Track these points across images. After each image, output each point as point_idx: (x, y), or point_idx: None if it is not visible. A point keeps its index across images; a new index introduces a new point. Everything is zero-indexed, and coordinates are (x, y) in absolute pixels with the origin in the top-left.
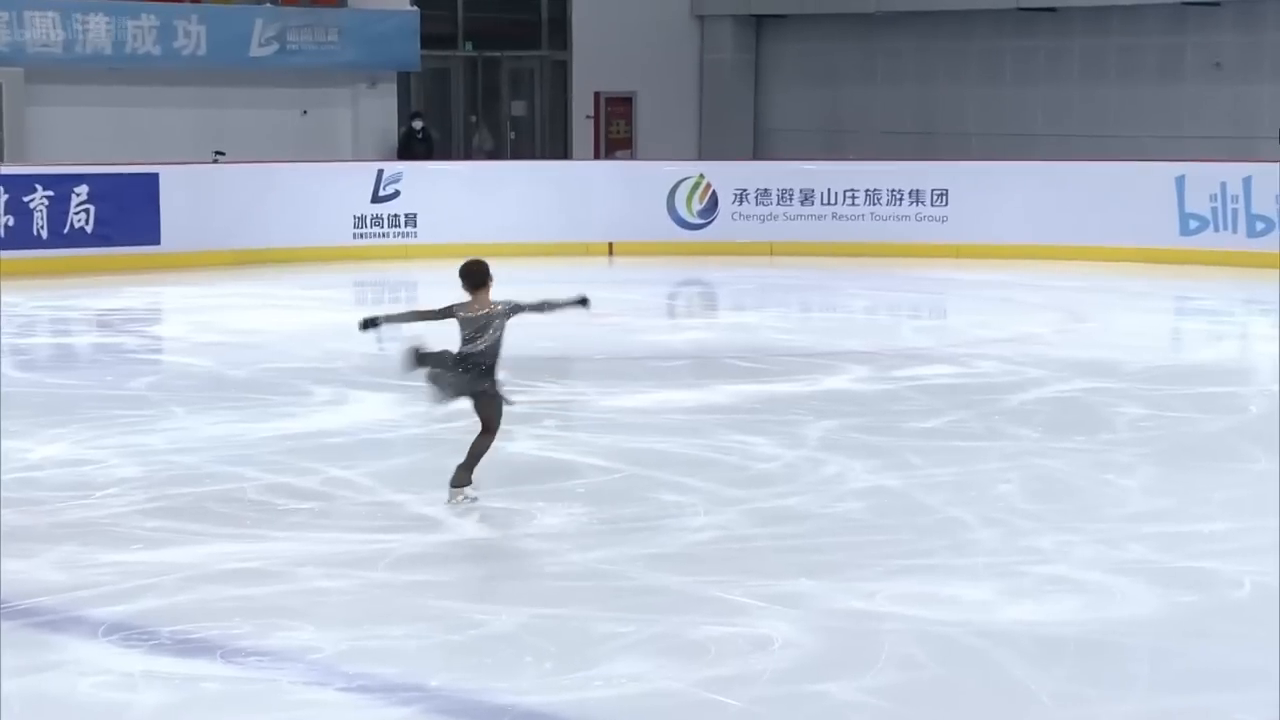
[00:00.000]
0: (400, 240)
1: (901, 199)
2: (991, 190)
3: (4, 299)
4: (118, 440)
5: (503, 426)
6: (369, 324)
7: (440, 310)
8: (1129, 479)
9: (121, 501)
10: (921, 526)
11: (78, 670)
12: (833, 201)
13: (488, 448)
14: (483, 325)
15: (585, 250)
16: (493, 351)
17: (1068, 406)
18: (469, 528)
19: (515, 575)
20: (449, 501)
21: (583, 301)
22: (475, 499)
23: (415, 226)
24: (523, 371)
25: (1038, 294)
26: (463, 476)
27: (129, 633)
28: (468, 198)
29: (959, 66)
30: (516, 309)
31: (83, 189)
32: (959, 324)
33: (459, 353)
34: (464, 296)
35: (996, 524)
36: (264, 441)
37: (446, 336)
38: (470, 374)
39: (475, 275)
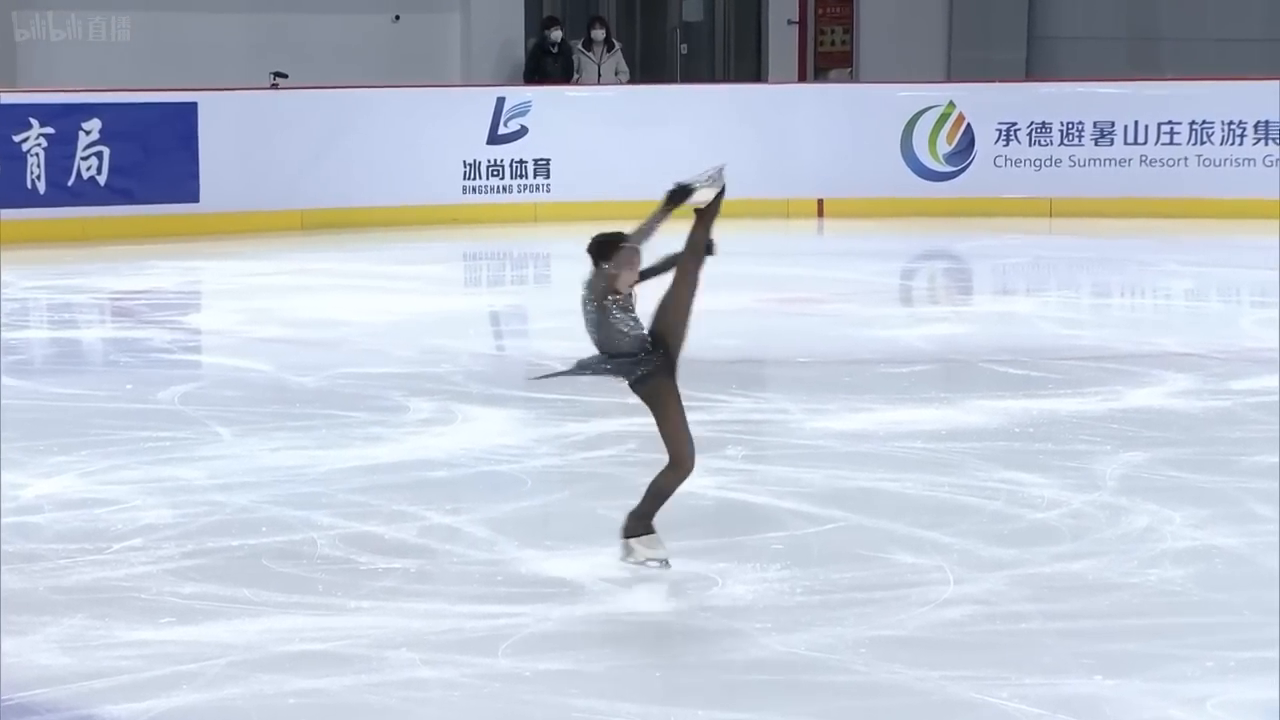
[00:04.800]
0: (527, 196)
1: (1243, 135)
2: None
3: None
4: (141, 473)
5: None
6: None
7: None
8: None
9: (147, 557)
10: (1270, 605)
11: None
12: (1141, 139)
13: (673, 488)
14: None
15: (785, 210)
16: (605, 348)
17: None
18: (624, 598)
19: (689, 665)
20: (625, 559)
21: (705, 246)
22: (663, 560)
23: (548, 177)
24: (697, 380)
25: None
26: (638, 524)
27: None
28: (620, 137)
29: None
30: (608, 288)
31: (93, 125)
32: None
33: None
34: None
35: None
36: (341, 475)
37: None
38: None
39: (590, 253)
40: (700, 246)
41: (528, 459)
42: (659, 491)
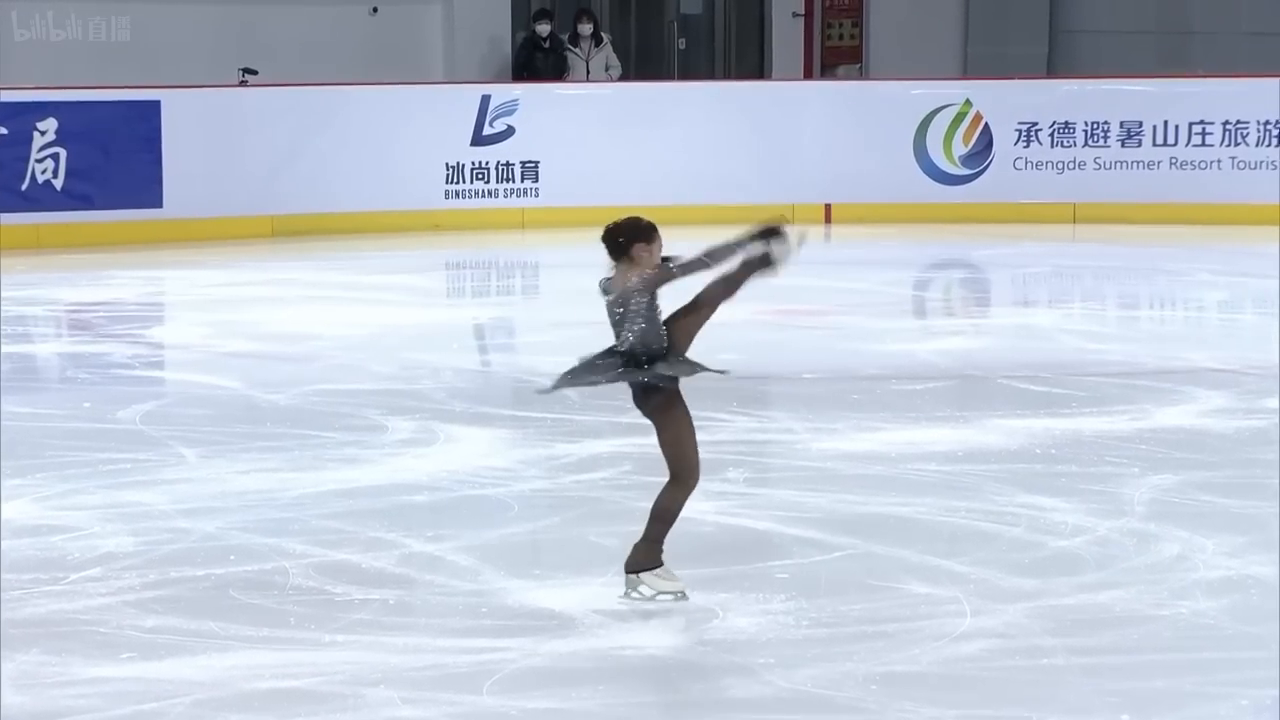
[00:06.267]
0: (514, 201)
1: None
2: None
3: None
4: (101, 498)
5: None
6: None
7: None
8: None
9: (106, 589)
10: None
11: None
12: (1171, 140)
13: (678, 506)
14: (619, 315)
15: (790, 216)
16: (647, 346)
17: None
18: (618, 632)
19: (688, 704)
20: (626, 595)
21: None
22: (678, 593)
23: (536, 180)
24: (695, 397)
25: None
26: (646, 554)
27: None
28: (614, 137)
29: None
30: (663, 278)
31: (49, 125)
32: None
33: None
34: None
35: None
36: (314, 500)
37: None
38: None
39: (608, 242)
40: (740, 281)
41: (515, 482)
42: (665, 513)
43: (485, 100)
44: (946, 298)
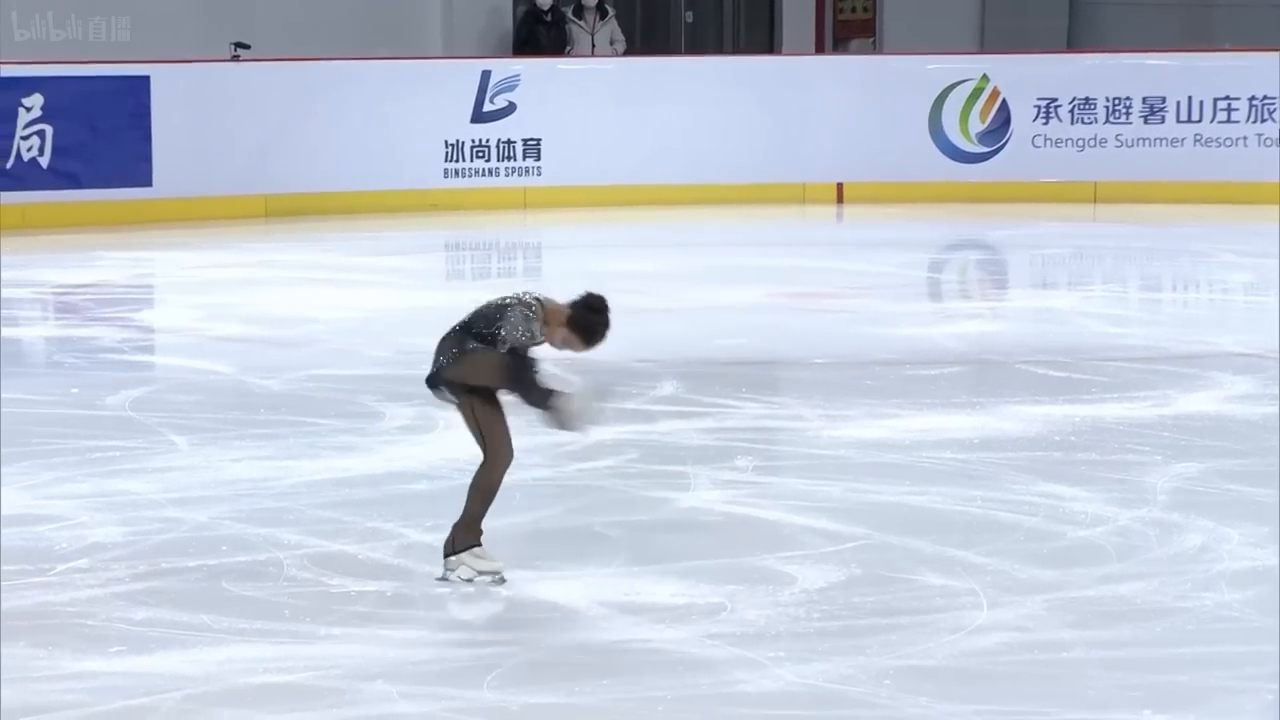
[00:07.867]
0: (516, 180)
1: None
2: None
3: None
4: (89, 486)
5: (676, 468)
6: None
7: None
8: None
9: (95, 580)
10: None
11: None
12: (1196, 117)
13: (496, 483)
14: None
15: (801, 195)
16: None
17: None
18: (622, 624)
19: (695, 699)
20: (444, 578)
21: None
22: (495, 573)
23: (538, 158)
24: (703, 383)
25: None
26: (465, 534)
27: None
28: (618, 114)
29: None
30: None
31: (34, 101)
32: None
33: None
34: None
35: None
36: (309, 489)
37: None
38: None
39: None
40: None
41: (516, 470)
42: (485, 492)
43: (485, 76)
44: (962, 280)
